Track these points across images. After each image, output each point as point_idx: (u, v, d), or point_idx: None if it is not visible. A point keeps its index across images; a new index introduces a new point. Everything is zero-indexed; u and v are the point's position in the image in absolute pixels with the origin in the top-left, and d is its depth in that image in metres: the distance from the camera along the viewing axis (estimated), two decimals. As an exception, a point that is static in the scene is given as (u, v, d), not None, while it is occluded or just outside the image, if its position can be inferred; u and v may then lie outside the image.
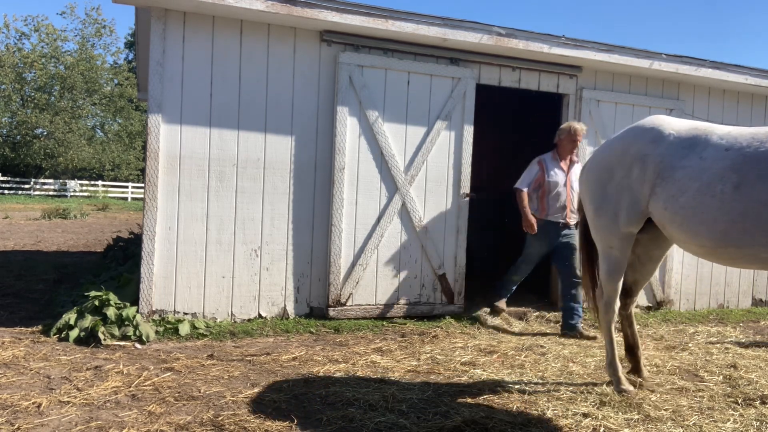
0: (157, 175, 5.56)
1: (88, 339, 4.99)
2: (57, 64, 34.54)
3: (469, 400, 4.00)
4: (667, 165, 3.84)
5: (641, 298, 7.44)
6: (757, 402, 4.10)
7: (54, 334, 5.09)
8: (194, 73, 5.67)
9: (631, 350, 4.61)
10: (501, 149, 10.13)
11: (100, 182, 37.75)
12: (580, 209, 4.71)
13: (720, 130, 3.82)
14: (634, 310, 4.68)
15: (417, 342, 5.52)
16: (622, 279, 4.29)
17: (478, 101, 6.77)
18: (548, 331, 6.26)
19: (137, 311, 5.35)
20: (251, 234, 5.92)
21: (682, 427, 3.63)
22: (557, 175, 6.21)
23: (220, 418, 3.53)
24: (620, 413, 3.80)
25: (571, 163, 6.33)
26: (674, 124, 4.02)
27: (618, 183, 4.11)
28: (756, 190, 3.42)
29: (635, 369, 4.59)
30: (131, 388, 3.99)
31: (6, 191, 32.46)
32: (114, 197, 35.82)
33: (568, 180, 6.23)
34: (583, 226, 4.67)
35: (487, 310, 6.56)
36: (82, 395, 3.82)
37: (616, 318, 4.41)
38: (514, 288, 6.57)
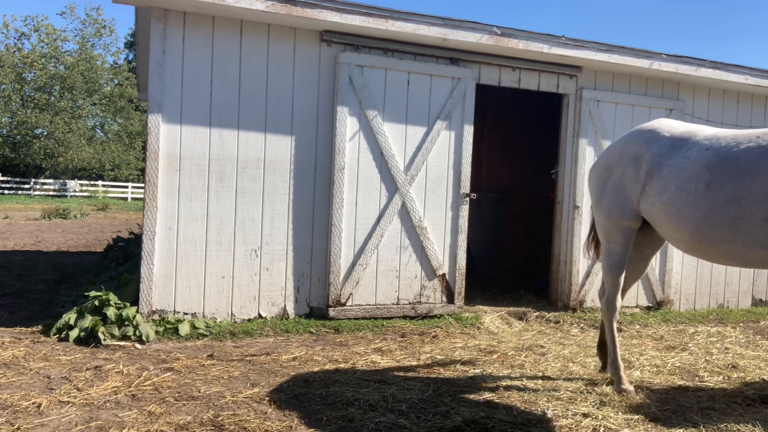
0: (157, 175, 5.56)
1: (88, 339, 4.99)
2: (57, 64, 34.53)
3: (469, 400, 4.00)
4: (656, 164, 3.99)
5: (641, 298, 7.44)
6: (757, 402, 4.10)
7: (54, 334, 5.09)
8: (194, 73, 5.67)
9: (603, 347, 4.66)
10: (502, 148, 10.13)
11: (100, 182, 37.76)
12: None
13: (708, 131, 3.95)
14: (620, 308, 4.65)
15: (417, 342, 5.52)
16: (623, 275, 4.37)
17: (478, 101, 6.78)
18: (548, 331, 6.25)
19: (137, 311, 5.35)
20: (251, 234, 5.91)
21: (682, 427, 3.63)
22: None
23: (220, 418, 3.53)
24: (620, 413, 3.80)
25: None
26: (673, 127, 4.14)
27: (615, 180, 4.26)
28: (723, 188, 3.58)
29: (603, 366, 4.66)
30: (131, 388, 3.99)
31: (6, 191, 32.47)
32: (114, 197, 35.83)
33: None
34: (593, 223, 4.77)
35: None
36: (82, 395, 3.82)
37: (618, 316, 4.44)
38: None
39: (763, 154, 3.49)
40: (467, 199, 6.62)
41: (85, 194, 35.36)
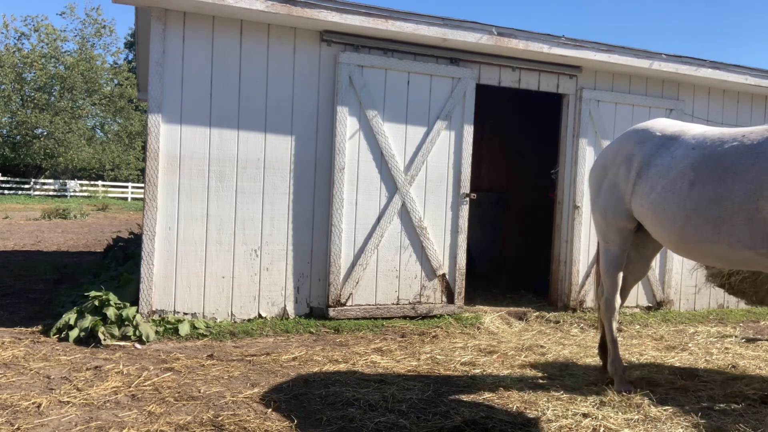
0: (157, 175, 5.56)
1: (88, 339, 4.99)
2: (57, 64, 34.51)
3: (469, 400, 4.00)
4: (645, 164, 3.98)
5: (641, 298, 7.44)
6: (757, 402, 4.09)
7: (54, 334, 5.09)
8: (194, 73, 5.67)
9: (604, 347, 4.64)
10: (502, 149, 10.13)
11: (100, 182, 37.75)
12: None
13: (696, 130, 3.91)
14: (618, 308, 4.54)
15: (417, 342, 5.52)
16: (620, 275, 4.36)
17: (478, 101, 6.78)
18: (548, 331, 6.25)
19: (137, 311, 5.35)
20: (251, 234, 5.91)
21: (682, 427, 3.63)
22: None
23: (220, 418, 3.53)
24: (620, 413, 3.80)
25: None
26: (666, 127, 4.11)
27: (610, 180, 4.27)
28: (706, 187, 3.53)
29: (603, 366, 4.62)
30: (131, 388, 3.99)
31: (6, 191, 32.46)
32: (114, 197, 35.83)
33: None
34: None
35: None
36: (82, 395, 3.82)
37: (617, 316, 4.43)
38: None
39: (746, 153, 3.42)
40: (467, 199, 6.62)
41: (85, 194, 35.35)
